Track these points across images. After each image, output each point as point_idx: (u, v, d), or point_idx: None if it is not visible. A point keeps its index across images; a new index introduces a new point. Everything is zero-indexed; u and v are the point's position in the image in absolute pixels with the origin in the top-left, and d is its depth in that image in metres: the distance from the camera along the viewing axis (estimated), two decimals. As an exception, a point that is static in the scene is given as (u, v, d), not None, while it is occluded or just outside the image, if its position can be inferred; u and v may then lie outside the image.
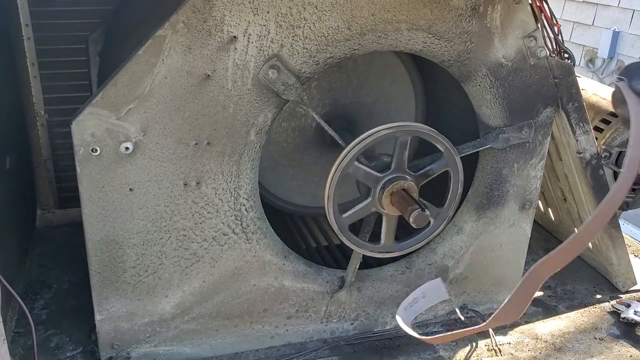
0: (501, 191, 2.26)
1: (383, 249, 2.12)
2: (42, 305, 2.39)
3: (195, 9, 1.71)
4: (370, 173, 2.00)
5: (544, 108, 2.17)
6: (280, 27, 1.80)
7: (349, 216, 2.05)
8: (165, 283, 1.99)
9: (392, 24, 1.91)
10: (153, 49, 1.71)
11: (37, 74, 2.81)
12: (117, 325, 2.00)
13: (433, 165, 2.05)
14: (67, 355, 2.14)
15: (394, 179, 1.99)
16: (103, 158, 1.78)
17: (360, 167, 1.99)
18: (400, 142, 1.98)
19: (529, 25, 2.05)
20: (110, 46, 2.69)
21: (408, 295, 2.12)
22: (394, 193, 1.99)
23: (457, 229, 2.29)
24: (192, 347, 2.11)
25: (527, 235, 2.38)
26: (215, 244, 1.99)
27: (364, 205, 2.04)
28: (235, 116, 1.85)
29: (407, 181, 2.00)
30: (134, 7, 2.59)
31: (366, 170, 2.00)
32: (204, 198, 1.92)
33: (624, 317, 2.42)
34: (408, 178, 2.00)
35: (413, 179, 2.01)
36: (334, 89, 2.48)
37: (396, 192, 1.98)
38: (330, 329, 2.27)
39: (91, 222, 1.85)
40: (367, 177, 2.01)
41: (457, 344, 2.28)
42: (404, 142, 1.98)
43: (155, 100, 1.76)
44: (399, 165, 2.00)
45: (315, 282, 2.17)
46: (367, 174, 2.00)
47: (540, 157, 2.24)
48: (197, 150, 1.85)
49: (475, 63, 2.04)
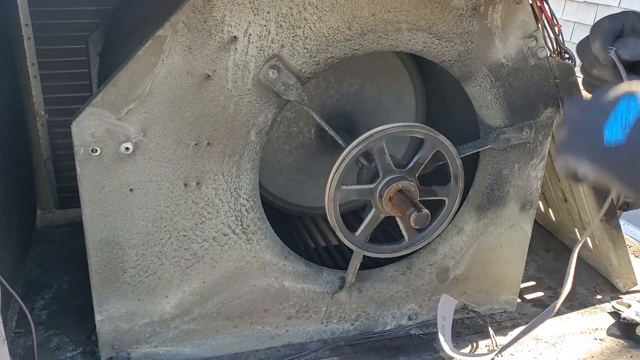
0: (502, 192, 2.26)
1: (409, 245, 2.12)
2: (42, 306, 2.39)
3: (196, 9, 1.70)
4: (361, 189, 1.99)
5: (545, 108, 2.17)
6: (280, 27, 1.80)
7: (362, 232, 2.05)
8: (165, 283, 1.99)
9: (392, 24, 1.91)
10: (153, 49, 1.71)
11: (37, 74, 2.81)
12: (117, 325, 1.99)
13: (421, 153, 2.02)
14: (67, 355, 2.14)
15: (386, 184, 1.98)
16: (103, 158, 1.78)
17: (348, 189, 1.98)
18: (377, 146, 1.95)
19: (530, 25, 2.05)
20: (110, 46, 2.68)
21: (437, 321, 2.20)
22: (391, 198, 1.98)
23: (458, 230, 2.29)
24: (193, 347, 2.11)
25: (528, 236, 2.38)
26: (215, 244, 1.98)
27: (371, 218, 2.04)
28: (236, 116, 1.85)
29: (401, 181, 1.98)
30: (134, 7, 2.59)
31: (356, 189, 1.99)
32: (204, 198, 1.92)
33: (624, 318, 2.42)
34: (401, 177, 1.99)
35: (406, 174, 2.00)
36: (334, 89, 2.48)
37: (393, 196, 1.97)
38: (331, 329, 2.27)
39: (91, 222, 1.85)
40: (361, 194, 2.01)
41: (457, 344, 2.28)
42: (380, 148, 1.96)
43: (155, 101, 1.76)
44: (385, 168, 1.99)
45: (315, 282, 2.17)
46: (359, 191, 2.00)
47: (541, 158, 2.24)
48: (197, 150, 1.85)
49: (475, 63, 2.04)
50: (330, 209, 1.97)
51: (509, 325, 2.41)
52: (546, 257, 2.95)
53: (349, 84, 2.50)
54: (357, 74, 2.50)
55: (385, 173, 1.99)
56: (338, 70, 2.45)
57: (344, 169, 1.94)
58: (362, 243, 2.07)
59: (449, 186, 2.08)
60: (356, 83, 2.51)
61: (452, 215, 2.14)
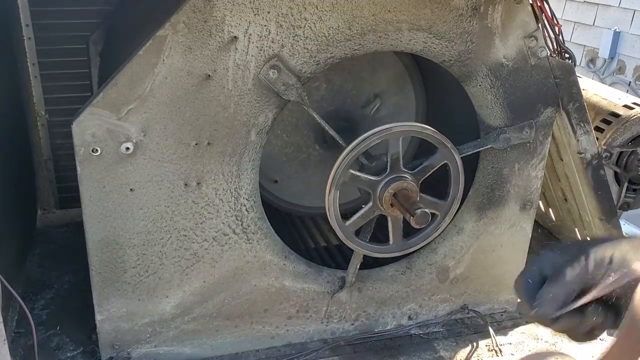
0: (502, 191, 2.26)
1: (392, 249, 2.11)
2: (43, 306, 2.39)
3: (196, 9, 1.71)
4: (367, 179, 2.00)
5: (545, 108, 2.17)
6: (280, 27, 1.80)
7: (353, 223, 2.04)
8: (165, 283, 1.99)
9: (392, 24, 1.91)
10: (154, 49, 1.71)
11: (38, 74, 2.81)
12: (117, 325, 1.99)
13: (430, 161, 2.04)
14: (67, 355, 2.14)
15: (391, 180, 1.98)
16: (104, 158, 1.78)
17: (356, 174, 1.98)
18: (393, 143, 1.97)
19: (530, 25, 2.05)
20: (110, 46, 2.68)
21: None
22: (394, 195, 1.98)
23: (458, 229, 2.29)
24: (193, 347, 2.11)
25: (528, 236, 2.38)
26: (215, 244, 1.98)
27: (366, 211, 2.04)
28: (236, 116, 1.85)
29: (407, 181, 1.99)
30: (135, 7, 2.59)
31: (362, 177, 1.99)
32: (205, 198, 1.92)
33: (624, 318, 2.42)
34: (407, 177, 1.99)
35: (411, 177, 2.00)
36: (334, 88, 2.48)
37: (396, 194, 1.98)
38: (331, 329, 2.27)
39: (92, 222, 1.85)
40: (365, 183, 2.01)
41: (458, 344, 2.28)
42: (398, 143, 1.97)
43: (155, 101, 1.76)
44: (395, 165, 1.99)
45: (315, 282, 2.17)
46: (364, 179, 2.00)
47: (541, 157, 2.24)
48: (197, 150, 1.85)
49: (476, 63, 2.04)
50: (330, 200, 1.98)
51: (509, 325, 2.41)
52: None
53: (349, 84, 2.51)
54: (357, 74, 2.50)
55: (393, 169, 1.99)
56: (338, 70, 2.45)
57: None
58: (350, 233, 2.06)
59: (447, 203, 2.09)
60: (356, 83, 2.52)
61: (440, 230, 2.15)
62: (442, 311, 2.39)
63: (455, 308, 2.40)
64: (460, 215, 2.27)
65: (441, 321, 2.39)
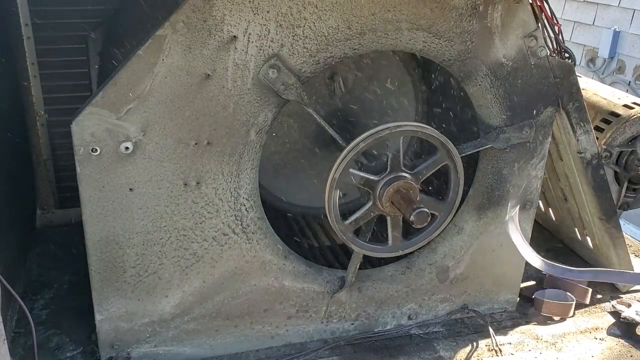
0: (502, 191, 2.25)
1: (391, 249, 2.11)
2: (42, 305, 2.39)
3: (195, 8, 1.70)
4: (367, 178, 1.99)
5: (545, 108, 2.17)
6: (280, 26, 1.80)
7: (352, 222, 2.04)
8: (165, 283, 1.99)
9: (392, 24, 1.90)
10: (153, 49, 1.71)
11: (37, 73, 2.81)
12: (117, 325, 1.99)
13: (430, 160, 2.04)
14: (67, 355, 2.13)
15: (391, 179, 1.98)
16: (103, 158, 1.77)
17: (356, 173, 1.98)
18: (393, 143, 1.96)
19: (530, 24, 2.04)
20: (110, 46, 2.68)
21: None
22: (393, 194, 1.98)
23: (458, 229, 2.29)
24: (192, 347, 2.11)
25: (528, 235, 2.38)
26: (215, 244, 1.98)
27: (366, 210, 2.03)
28: (235, 116, 1.85)
29: (406, 180, 1.99)
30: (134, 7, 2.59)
31: (362, 176, 1.99)
32: (204, 198, 1.92)
33: (624, 317, 2.42)
34: (406, 177, 1.99)
35: (411, 177, 2.00)
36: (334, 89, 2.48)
37: (396, 193, 1.98)
38: (331, 329, 2.27)
39: (91, 222, 1.85)
40: (365, 182, 2.00)
41: (457, 343, 2.28)
42: (398, 143, 1.97)
43: (155, 100, 1.76)
44: (395, 165, 1.99)
45: (315, 282, 2.17)
46: (364, 179, 2.00)
47: (541, 157, 2.24)
48: (197, 150, 1.85)
49: (475, 62, 2.04)
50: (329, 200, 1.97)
51: (509, 325, 2.41)
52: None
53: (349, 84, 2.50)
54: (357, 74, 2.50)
55: (393, 169, 1.99)
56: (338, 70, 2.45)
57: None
58: (348, 231, 2.06)
59: (447, 203, 2.09)
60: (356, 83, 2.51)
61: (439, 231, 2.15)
62: (442, 311, 2.39)
63: (455, 308, 2.40)
64: (460, 215, 2.27)
65: (441, 321, 2.39)
